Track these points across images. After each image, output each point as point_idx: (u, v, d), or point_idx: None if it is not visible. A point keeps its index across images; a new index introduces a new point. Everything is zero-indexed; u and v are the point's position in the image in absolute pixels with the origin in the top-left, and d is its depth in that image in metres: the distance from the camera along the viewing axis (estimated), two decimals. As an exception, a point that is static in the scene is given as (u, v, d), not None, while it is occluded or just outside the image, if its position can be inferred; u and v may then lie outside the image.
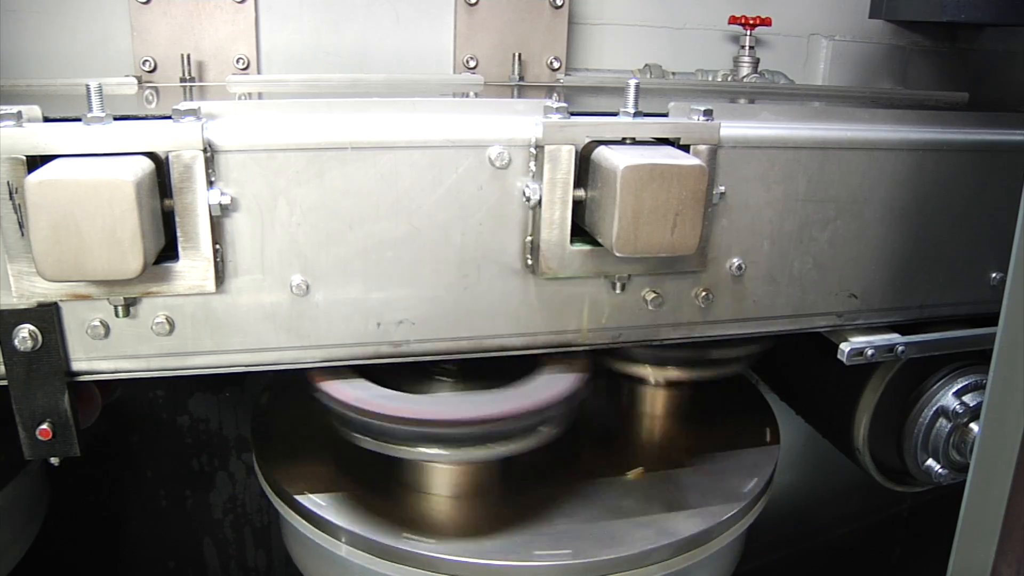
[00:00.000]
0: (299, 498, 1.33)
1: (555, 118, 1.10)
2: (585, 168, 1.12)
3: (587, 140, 1.11)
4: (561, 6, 1.84)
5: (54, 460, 1.16)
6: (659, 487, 1.41)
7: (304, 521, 1.33)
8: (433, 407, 1.21)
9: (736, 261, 1.25)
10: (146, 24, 1.73)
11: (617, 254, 1.06)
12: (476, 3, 1.80)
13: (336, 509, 1.31)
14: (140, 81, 1.67)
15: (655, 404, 1.62)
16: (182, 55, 1.70)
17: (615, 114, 1.16)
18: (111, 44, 1.77)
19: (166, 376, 1.13)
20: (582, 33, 2.02)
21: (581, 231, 1.14)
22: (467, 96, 1.55)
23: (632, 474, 1.43)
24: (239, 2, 1.74)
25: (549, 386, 1.26)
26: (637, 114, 1.14)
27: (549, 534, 1.28)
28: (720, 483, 1.43)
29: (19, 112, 1.01)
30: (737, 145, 1.19)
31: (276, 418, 1.55)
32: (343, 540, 1.28)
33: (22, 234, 1.01)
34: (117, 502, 2.16)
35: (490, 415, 1.19)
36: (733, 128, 1.18)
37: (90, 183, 0.92)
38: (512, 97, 1.62)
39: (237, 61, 1.74)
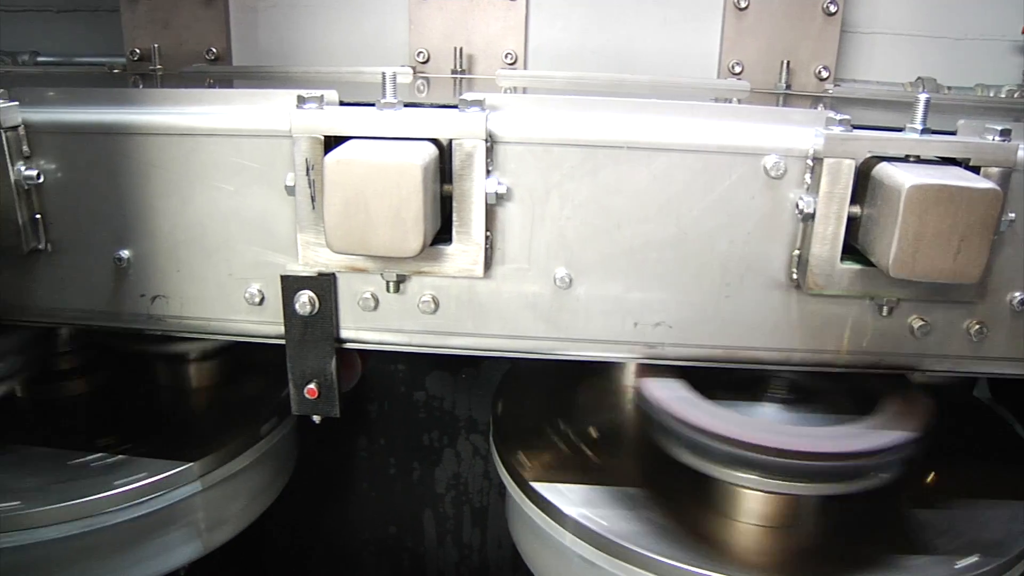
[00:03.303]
0: (531, 482, 1.35)
1: (837, 130, 1.06)
2: (862, 184, 1.07)
3: (868, 155, 1.06)
4: (835, 13, 1.77)
5: (316, 418, 1.25)
6: (902, 530, 1.33)
7: (532, 504, 1.35)
8: (773, 435, 1.19)
9: (1019, 295, 1.15)
10: (423, 18, 1.82)
11: (892, 276, 1.00)
12: (746, 7, 1.76)
13: (566, 498, 1.32)
14: (414, 71, 1.77)
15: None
16: (455, 48, 1.78)
17: (898, 129, 1.10)
18: (390, 36, 1.89)
19: (426, 352, 1.19)
20: (851, 41, 1.93)
21: (850, 248, 1.10)
22: (730, 102, 1.53)
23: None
24: (511, -1, 1.80)
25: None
26: (924, 131, 1.08)
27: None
28: (973, 534, 1.32)
29: (321, 96, 1.09)
30: (1034, 170, 1.10)
31: (517, 402, 1.59)
32: (568, 529, 1.30)
33: (313, 207, 1.10)
34: (351, 465, 2.30)
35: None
36: (1030, 150, 1.09)
37: (382, 165, 0.98)
38: (777, 105, 1.57)
39: (505, 56, 1.80)
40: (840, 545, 1.29)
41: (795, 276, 1.11)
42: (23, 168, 1.16)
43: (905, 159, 1.06)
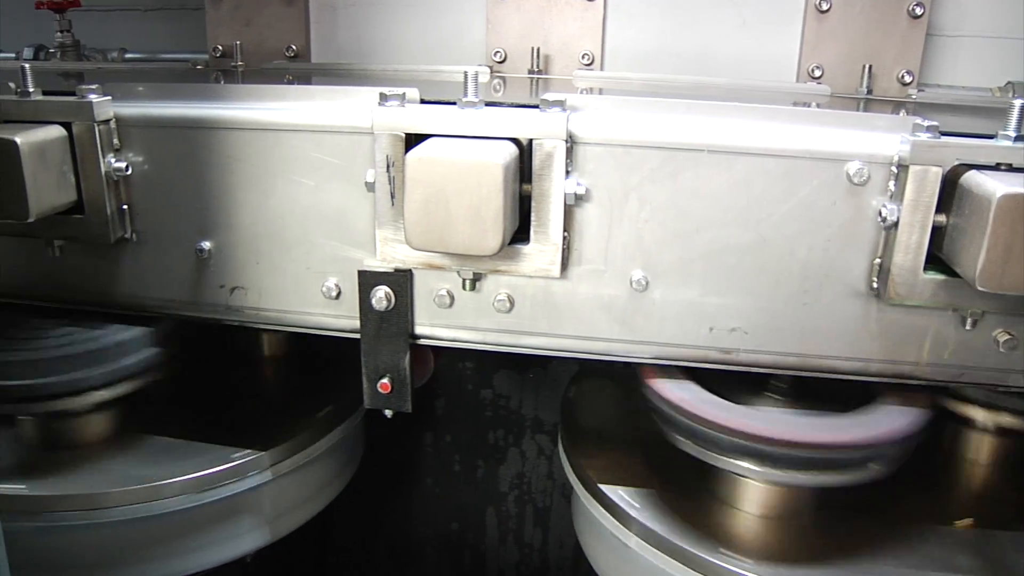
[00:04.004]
0: (599, 484, 1.35)
1: (925, 137, 1.03)
2: (948, 192, 1.04)
3: (956, 162, 1.04)
4: (920, 16, 1.73)
5: (388, 412, 1.27)
6: (991, 546, 1.29)
7: (599, 506, 1.35)
8: (764, 424, 1.18)
9: (1113, 311, 1.11)
10: (500, 18, 1.83)
11: (979, 288, 0.98)
12: (828, 10, 1.73)
13: (633, 501, 1.32)
14: (491, 70, 1.78)
15: (981, 451, 1.49)
16: (532, 48, 1.79)
17: (987, 136, 1.07)
18: (467, 35, 1.90)
19: (499, 351, 1.19)
20: (935, 45, 1.88)
21: (933, 258, 1.07)
22: (809, 106, 1.50)
23: (961, 524, 1.32)
24: (589, 0, 1.80)
25: (889, 420, 1.19)
26: (1018, 138, 1.05)
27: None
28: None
29: (403, 94, 1.11)
30: None
31: (587, 403, 1.59)
32: (634, 532, 1.29)
33: (392, 204, 1.11)
34: (416, 460, 2.32)
35: (824, 441, 1.15)
36: None
37: (464, 163, 0.99)
38: (858, 110, 1.54)
39: (582, 57, 1.80)
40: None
41: (875, 285, 1.09)
42: (113, 160, 1.20)
43: (996, 167, 1.03)
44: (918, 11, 1.72)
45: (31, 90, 1.19)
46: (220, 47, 1.96)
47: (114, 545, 1.35)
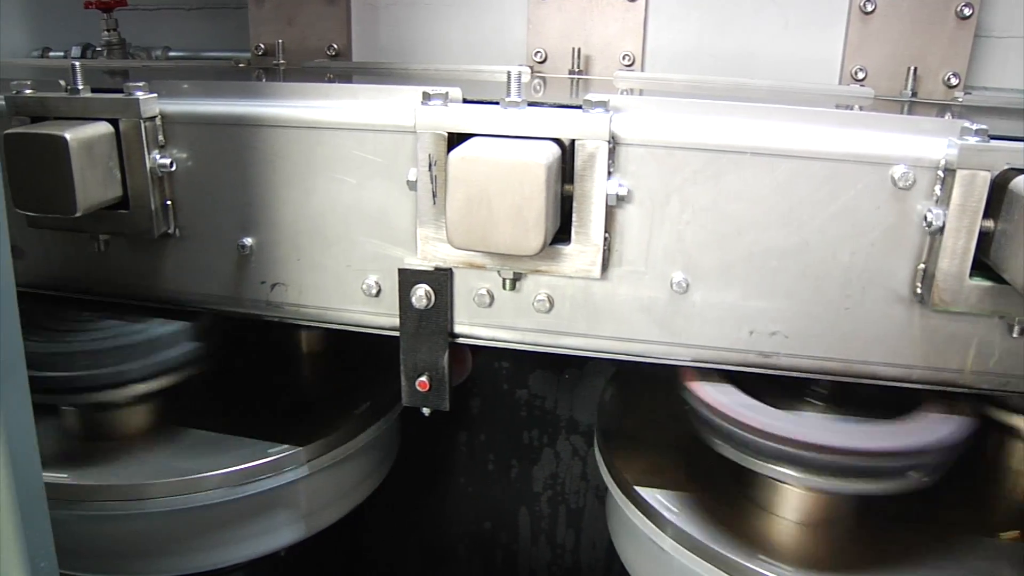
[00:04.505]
0: (634, 486, 1.35)
1: (973, 140, 1.02)
2: (997, 197, 1.03)
3: (1005, 167, 1.02)
4: (969, 16, 1.70)
5: (426, 410, 1.27)
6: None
7: (634, 507, 1.35)
8: (805, 429, 1.17)
9: None
10: (542, 18, 1.83)
11: (1026, 295, 0.96)
12: (872, 12, 1.71)
13: (669, 504, 1.31)
14: (532, 70, 1.78)
15: (1024, 461, 1.47)
16: (572, 48, 1.79)
17: (1039, 141, 1.05)
18: (508, 35, 1.90)
19: (537, 351, 1.19)
20: (984, 47, 1.85)
21: (979, 264, 1.05)
22: (851, 108, 1.49)
23: (1005, 536, 1.30)
24: (631, 1, 1.79)
25: (931, 429, 1.17)
26: (1071, 144, 1.03)
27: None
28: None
29: (446, 93, 1.11)
30: None
31: (624, 404, 1.59)
32: (669, 535, 1.29)
33: (434, 203, 1.11)
34: (451, 458, 2.33)
35: (865, 448, 1.14)
36: None
37: (507, 163, 0.99)
38: (902, 113, 1.52)
39: (623, 57, 1.80)
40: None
41: (919, 291, 1.08)
42: (158, 156, 1.22)
43: (1046, 173, 1.02)
44: (966, 12, 1.70)
45: (80, 87, 1.21)
46: (262, 45, 1.98)
47: (151, 536, 1.37)
